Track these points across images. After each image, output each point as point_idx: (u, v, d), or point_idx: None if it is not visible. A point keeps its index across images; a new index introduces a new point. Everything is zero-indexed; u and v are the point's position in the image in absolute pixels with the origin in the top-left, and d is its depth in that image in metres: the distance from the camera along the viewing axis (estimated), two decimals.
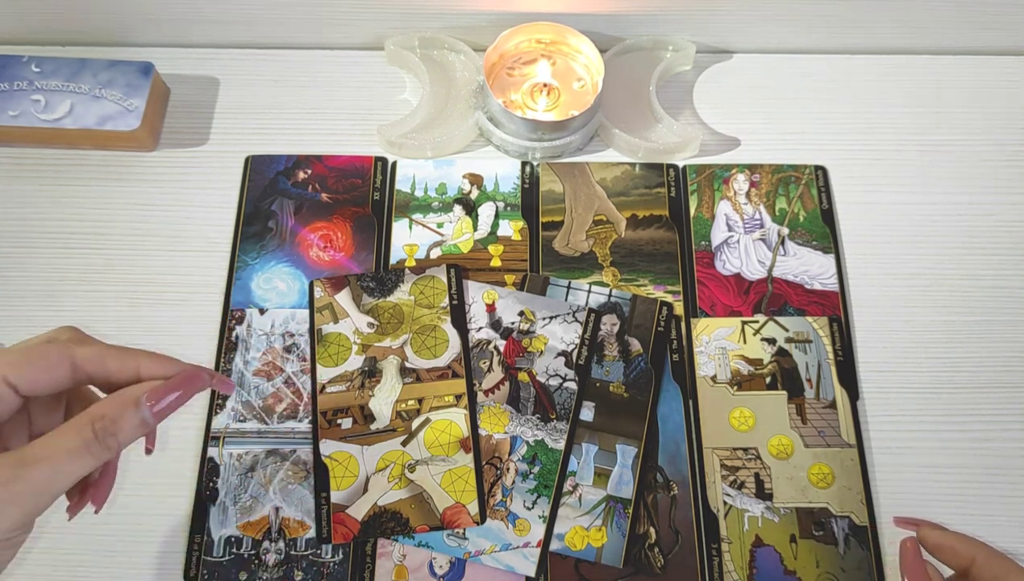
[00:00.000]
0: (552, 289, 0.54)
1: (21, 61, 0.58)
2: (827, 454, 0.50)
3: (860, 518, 0.48)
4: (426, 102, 0.60)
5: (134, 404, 0.32)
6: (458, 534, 0.48)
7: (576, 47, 0.59)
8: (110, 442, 0.31)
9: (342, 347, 0.52)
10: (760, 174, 0.58)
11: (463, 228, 0.57)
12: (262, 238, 0.56)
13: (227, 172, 0.58)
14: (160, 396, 0.33)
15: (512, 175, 0.58)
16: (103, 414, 0.31)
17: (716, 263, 0.55)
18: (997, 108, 0.61)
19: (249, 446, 0.50)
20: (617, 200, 0.57)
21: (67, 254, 0.56)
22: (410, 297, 0.53)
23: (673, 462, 0.50)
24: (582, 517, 0.48)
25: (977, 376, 0.52)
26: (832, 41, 0.62)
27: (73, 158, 0.59)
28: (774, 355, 0.52)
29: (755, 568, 0.47)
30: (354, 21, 0.60)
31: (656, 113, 0.59)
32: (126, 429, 0.32)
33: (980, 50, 0.63)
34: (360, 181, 0.58)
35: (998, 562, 0.41)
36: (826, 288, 0.55)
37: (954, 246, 0.56)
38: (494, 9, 0.59)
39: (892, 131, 0.60)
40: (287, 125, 0.60)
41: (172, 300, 0.54)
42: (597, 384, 0.51)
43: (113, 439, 0.31)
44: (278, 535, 0.48)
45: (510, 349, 0.52)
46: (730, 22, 0.60)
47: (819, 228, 0.57)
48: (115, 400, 0.32)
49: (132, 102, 0.57)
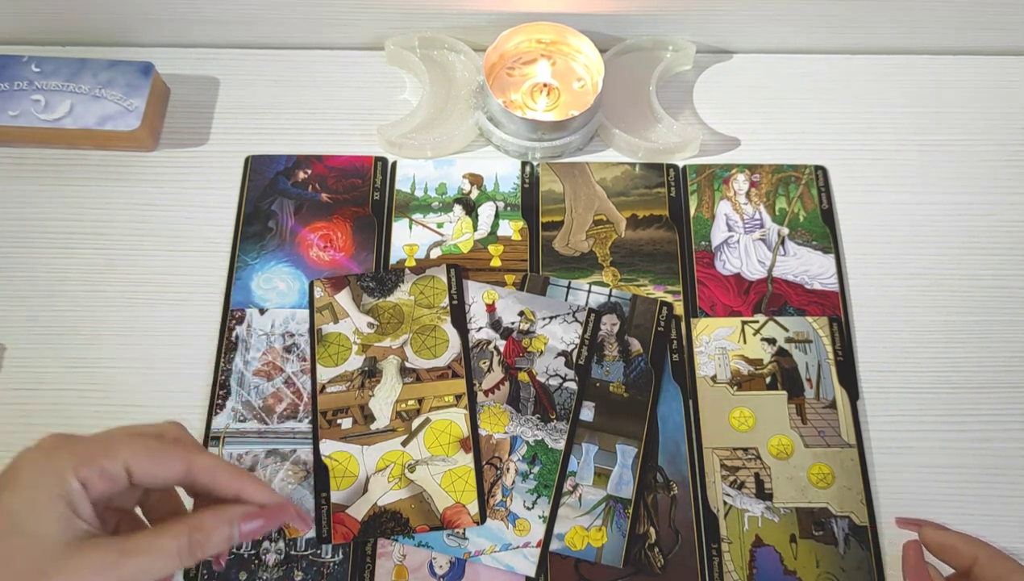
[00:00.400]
0: (552, 289, 0.54)
1: (21, 61, 0.58)
2: (827, 454, 0.50)
3: (860, 518, 0.48)
4: (426, 102, 0.60)
5: (229, 524, 0.34)
6: (458, 534, 0.48)
7: (576, 47, 0.59)
8: (197, 552, 0.33)
9: (342, 347, 0.52)
10: (760, 174, 0.58)
11: (463, 228, 0.57)
12: (262, 238, 0.56)
13: (227, 172, 0.58)
14: (251, 520, 0.35)
15: (512, 175, 0.58)
16: (202, 526, 0.34)
17: (716, 263, 0.55)
18: (997, 108, 0.61)
19: (249, 446, 0.50)
20: (617, 200, 0.57)
21: (67, 254, 0.56)
22: (410, 297, 0.53)
23: (673, 462, 0.50)
24: (582, 517, 0.48)
25: (977, 376, 0.52)
26: (832, 41, 0.62)
27: (73, 158, 0.59)
28: (774, 355, 0.52)
29: (755, 568, 0.47)
30: (354, 21, 0.60)
31: (656, 113, 0.59)
32: (215, 544, 0.34)
33: (980, 50, 0.63)
34: (360, 181, 0.58)
35: (1000, 562, 0.41)
36: (826, 288, 0.55)
37: (954, 246, 0.56)
38: (494, 9, 0.59)
39: (892, 131, 0.60)
40: (287, 125, 0.60)
41: (172, 300, 0.54)
42: (597, 384, 0.51)
43: (201, 550, 0.33)
44: (278, 535, 0.48)
45: (510, 349, 0.52)
46: (730, 22, 0.60)
47: (819, 228, 0.57)
48: (216, 517, 0.34)
49: (132, 102, 0.57)
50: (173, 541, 0.33)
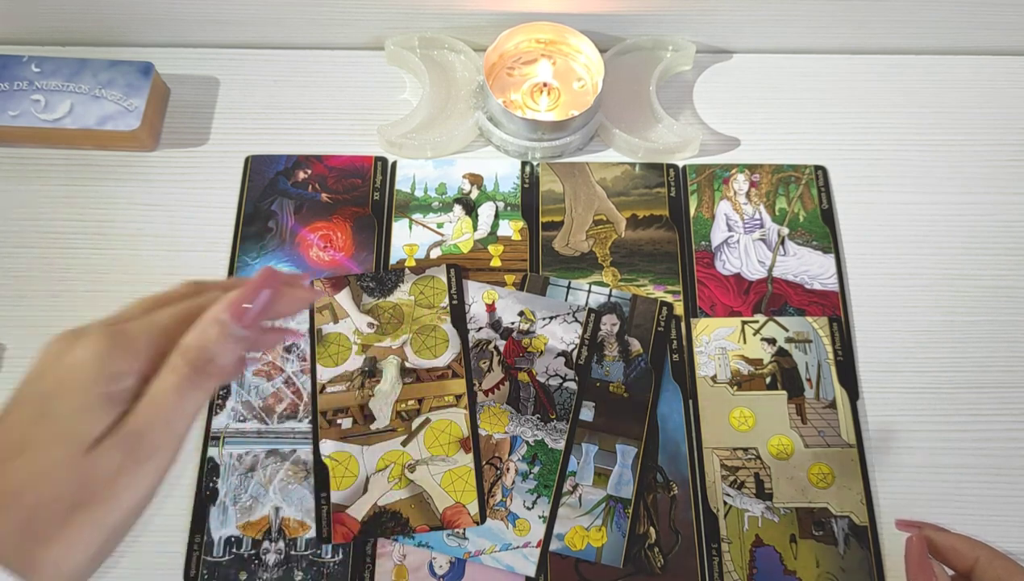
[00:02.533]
0: (552, 289, 0.54)
1: (21, 61, 0.58)
2: (827, 454, 0.50)
3: (860, 518, 0.48)
4: (426, 102, 0.60)
5: (215, 323, 0.31)
6: (458, 534, 0.48)
7: (576, 47, 0.59)
8: (209, 368, 0.30)
9: (342, 347, 0.52)
10: (760, 174, 0.58)
11: (463, 228, 0.57)
12: (262, 238, 0.56)
13: (227, 172, 0.58)
14: (238, 303, 0.31)
15: (512, 175, 0.58)
16: (189, 345, 0.30)
17: (716, 263, 0.55)
18: (997, 108, 0.61)
19: (249, 446, 0.50)
20: (617, 200, 0.57)
21: (68, 254, 0.56)
22: (410, 297, 0.53)
23: (673, 462, 0.50)
24: (582, 517, 0.48)
25: (977, 376, 0.52)
26: (832, 41, 0.62)
27: (73, 158, 0.59)
28: (774, 355, 0.52)
29: (755, 568, 0.47)
30: (354, 21, 0.60)
31: (656, 113, 0.59)
32: (217, 348, 0.31)
33: (980, 50, 0.63)
34: (360, 181, 0.58)
35: (1000, 563, 0.41)
36: (826, 288, 0.55)
37: (954, 246, 0.56)
38: (494, 9, 0.59)
39: (892, 131, 0.60)
40: (287, 125, 0.60)
41: None
42: (597, 384, 0.51)
43: (211, 365, 0.30)
44: (278, 535, 0.48)
45: (510, 349, 0.52)
46: (730, 22, 0.60)
47: (819, 228, 0.57)
48: (197, 327, 0.31)
49: (132, 102, 0.57)
50: (173, 375, 0.30)
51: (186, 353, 0.30)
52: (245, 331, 0.31)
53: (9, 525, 0.27)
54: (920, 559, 0.43)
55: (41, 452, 0.28)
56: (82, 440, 0.28)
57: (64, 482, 0.28)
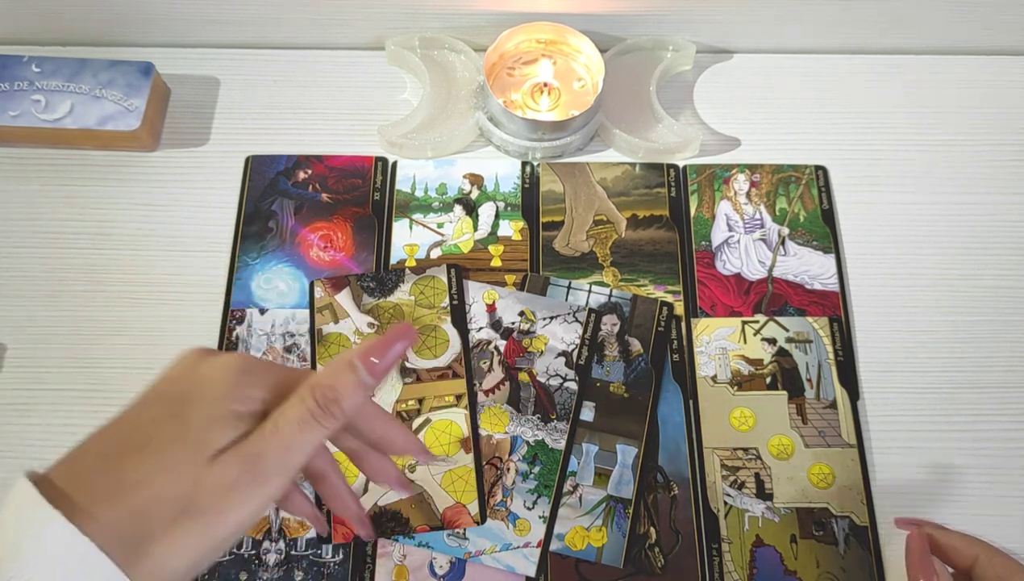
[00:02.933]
0: (552, 289, 0.54)
1: (21, 61, 0.58)
2: (827, 454, 0.50)
3: (860, 518, 0.48)
4: (426, 102, 0.60)
5: (348, 367, 0.31)
6: (458, 534, 0.48)
7: (576, 47, 0.59)
8: (333, 409, 0.31)
9: (342, 347, 0.52)
10: (760, 174, 0.58)
11: (463, 228, 0.57)
12: (262, 238, 0.56)
13: (227, 172, 0.58)
14: (372, 355, 0.32)
15: (512, 175, 0.58)
16: (320, 382, 0.31)
17: (716, 263, 0.55)
18: (997, 108, 0.61)
19: None
20: (617, 200, 0.57)
21: (68, 254, 0.56)
22: (410, 297, 0.53)
23: (673, 462, 0.50)
24: (582, 517, 0.48)
25: (977, 376, 0.52)
26: (832, 41, 0.62)
27: (74, 158, 0.59)
28: (774, 355, 0.52)
29: (755, 568, 0.47)
30: (354, 21, 0.60)
31: (656, 113, 0.59)
32: (346, 393, 0.31)
33: (980, 50, 0.63)
34: (360, 181, 0.58)
35: (1000, 561, 0.41)
36: (826, 288, 0.55)
37: (954, 246, 0.56)
38: (494, 9, 0.59)
39: (892, 131, 0.60)
40: (287, 125, 0.60)
41: (172, 300, 0.54)
42: (597, 384, 0.51)
43: (336, 405, 0.31)
44: (278, 535, 0.48)
45: (510, 349, 0.52)
46: (730, 22, 0.60)
47: (819, 228, 0.57)
48: (330, 367, 0.32)
49: (132, 102, 0.57)
50: (301, 406, 0.30)
51: (315, 388, 0.31)
52: (373, 380, 0.32)
53: (121, 513, 0.27)
54: (921, 556, 0.43)
55: (166, 450, 0.28)
56: (207, 448, 0.29)
57: (182, 483, 0.28)
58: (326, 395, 0.31)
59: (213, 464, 0.29)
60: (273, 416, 0.30)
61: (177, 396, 0.30)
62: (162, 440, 0.29)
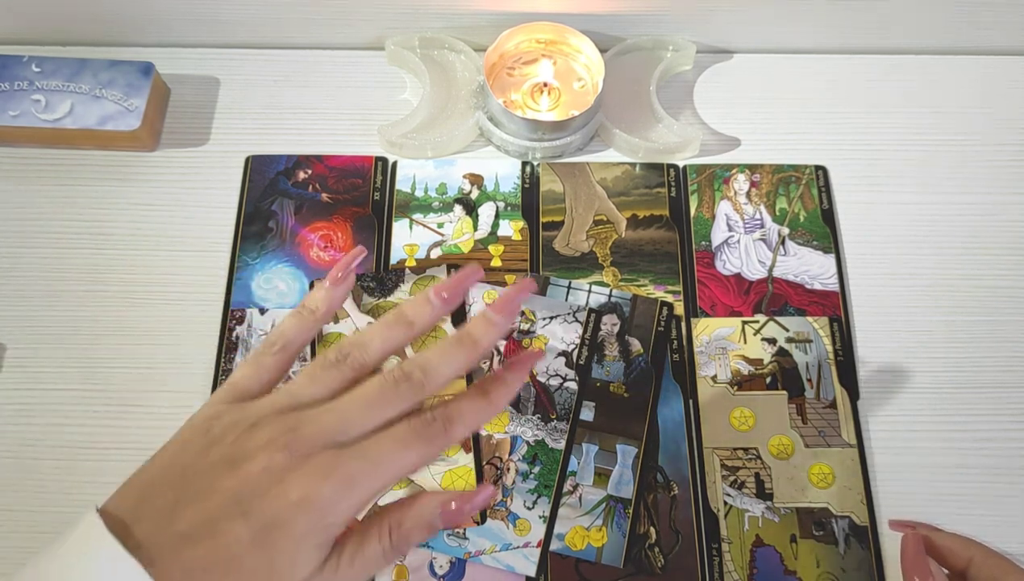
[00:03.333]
0: (552, 289, 0.54)
1: (21, 61, 0.58)
2: (827, 454, 0.50)
3: (860, 518, 0.48)
4: (426, 102, 0.60)
5: (428, 523, 0.33)
6: (458, 534, 0.48)
7: (576, 47, 0.59)
8: (403, 548, 0.32)
9: None
10: (760, 174, 0.58)
11: (463, 228, 0.57)
12: (262, 238, 0.56)
13: (227, 172, 0.58)
14: (452, 508, 0.33)
15: (512, 175, 0.58)
16: (400, 523, 0.32)
17: (716, 263, 0.55)
18: (997, 108, 0.61)
19: None
20: (617, 200, 0.57)
21: (68, 254, 0.56)
22: (410, 297, 0.53)
23: (673, 462, 0.50)
24: (582, 517, 0.48)
25: (977, 376, 0.52)
26: (832, 41, 0.62)
27: (74, 158, 0.59)
28: (774, 355, 0.52)
29: (755, 568, 0.47)
30: (354, 21, 0.60)
31: (656, 113, 0.59)
32: (416, 539, 0.33)
33: (980, 50, 0.63)
34: (360, 181, 0.58)
35: (995, 562, 0.41)
36: (826, 288, 0.55)
37: (954, 246, 0.56)
38: (494, 9, 0.59)
39: (892, 131, 0.60)
40: (287, 125, 0.60)
41: (172, 300, 0.54)
42: (597, 384, 0.51)
43: (406, 545, 0.32)
44: None
45: (510, 349, 0.52)
46: (730, 22, 0.60)
47: (819, 228, 0.57)
48: (414, 512, 0.33)
49: (132, 102, 0.57)
50: (378, 545, 0.32)
51: (396, 530, 0.32)
52: (441, 523, 0.33)
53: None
54: (916, 556, 0.43)
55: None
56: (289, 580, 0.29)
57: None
58: (402, 537, 0.32)
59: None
60: (350, 551, 0.31)
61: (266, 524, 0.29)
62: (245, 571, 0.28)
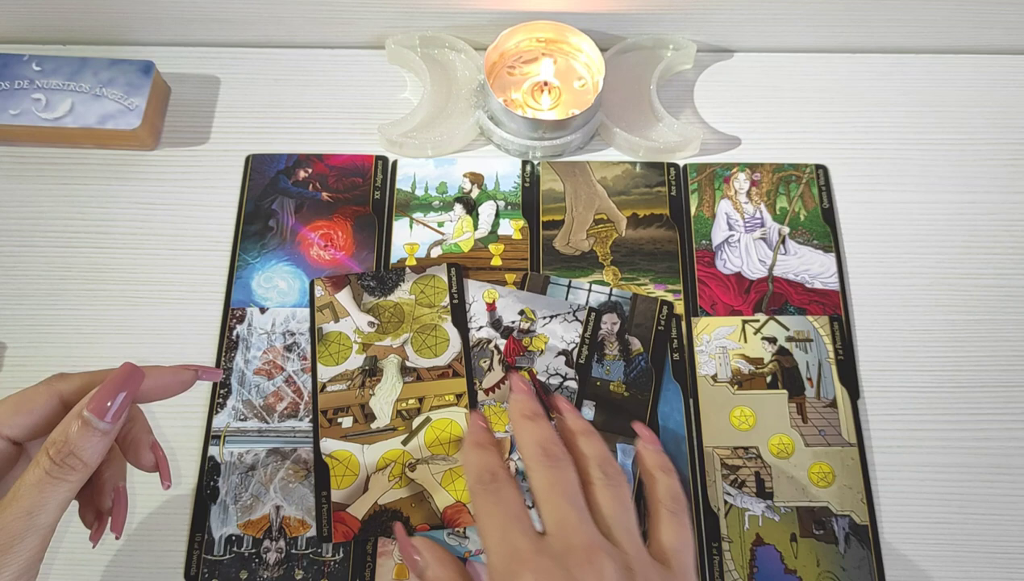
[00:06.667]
0: (552, 288, 0.54)
1: (22, 60, 0.58)
2: (828, 453, 0.50)
3: (861, 517, 0.48)
4: (427, 101, 0.60)
5: (78, 418, 0.32)
6: (459, 533, 0.48)
7: (577, 46, 0.59)
8: (71, 461, 0.31)
9: (343, 346, 0.52)
10: (761, 173, 0.58)
11: (464, 227, 0.57)
12: (263, 237, 0.56)
13: (228, 171, 0.58)
14: (101, 401, 0.32)
15: (513, 174, 0.58)
16: (53, 439, 0.31)
17: (717, 262, 0.55)
18: (997, 108, 0.61)
19: (250, 445, 0.50)
20: (618, 199, 0.57)
21: (68, 253, 0.56)
22: (411, 296, 0.53)
23: (673, 461, 0.49)
24: None
25: (978, 375, 0.52)
26: (832, 41, 0.62)
27: (74, 157, 0.59)
28: (775, 354, 0.52)
29: (755, 567, 0.47)
30: (355, 20, 0.60)
31: (657, 112, 0.59)
32: (81, 444, 0.32)
33: (980, 50, 0.63)
34: (361, 180, 0.58)
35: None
36: (827, 287, 0.55)
37: (954, 245, 0.56)
38: (495, 8, 0.59)
39: (892, 130, 0.60)
40: (288, 124, 0.60)
41: (173, 299, 0.54)
42: (597, 383, 0.51)
43: (74, 458, 0.31)
44: (279, 534, 0.48)
45: (510, 348, 0.52)
46: (731, 21, 0.60)
47: (820, 227, 0.57)
48: (63, 422, 0.32)
49: (133, 101, 0.57)
50: (37, 468, 0.31)
51: (49, 447, 0.31)
52: (108, 425, 0.32)
53: None
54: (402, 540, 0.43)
55: None
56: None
57: None
58: (60, 451, 0.31)
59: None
60: (17, 481, 0.31)
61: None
62: None
